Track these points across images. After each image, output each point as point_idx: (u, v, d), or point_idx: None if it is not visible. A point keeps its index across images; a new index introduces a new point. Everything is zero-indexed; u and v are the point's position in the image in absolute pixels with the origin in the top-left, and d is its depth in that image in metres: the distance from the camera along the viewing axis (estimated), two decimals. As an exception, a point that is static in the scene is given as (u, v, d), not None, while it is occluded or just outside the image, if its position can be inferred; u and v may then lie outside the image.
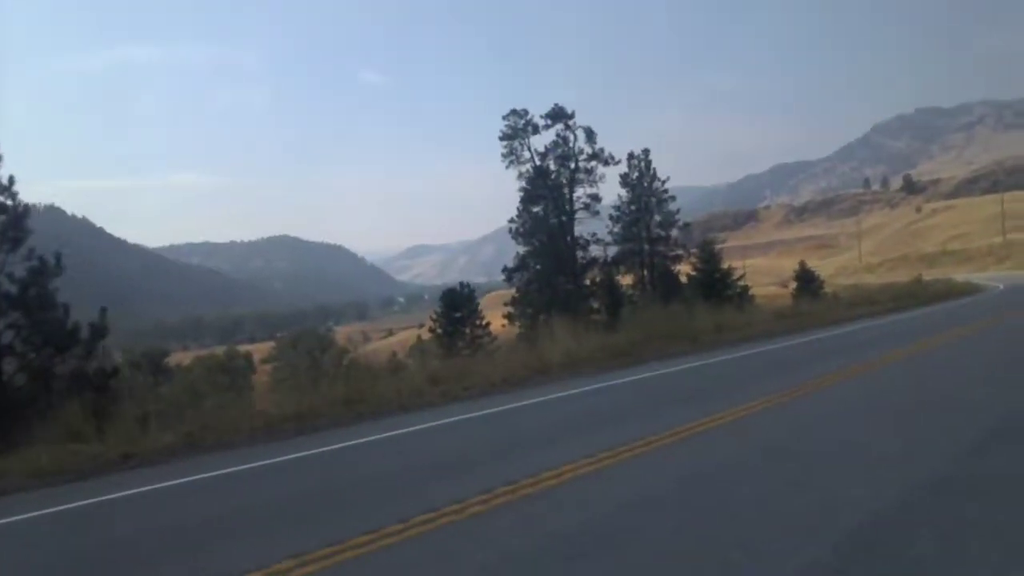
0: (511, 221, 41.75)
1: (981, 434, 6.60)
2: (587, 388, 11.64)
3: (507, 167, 40.67)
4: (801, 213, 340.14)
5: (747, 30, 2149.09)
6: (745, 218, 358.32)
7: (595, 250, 43.20)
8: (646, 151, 44.93)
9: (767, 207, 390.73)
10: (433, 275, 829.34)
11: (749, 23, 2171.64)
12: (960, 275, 75.95)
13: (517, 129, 40.60)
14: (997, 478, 5.30)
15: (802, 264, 49.62)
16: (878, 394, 9.70)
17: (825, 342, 17.73)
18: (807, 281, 52.21)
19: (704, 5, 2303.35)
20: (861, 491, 5.09)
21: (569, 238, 41.54)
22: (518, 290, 42.05)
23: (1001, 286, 45.98)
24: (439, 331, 38.00)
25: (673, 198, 45.69)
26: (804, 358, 14.57)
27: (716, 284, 36.06)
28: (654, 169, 44.18)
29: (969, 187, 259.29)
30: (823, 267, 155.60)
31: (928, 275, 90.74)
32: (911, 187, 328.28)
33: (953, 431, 6.90)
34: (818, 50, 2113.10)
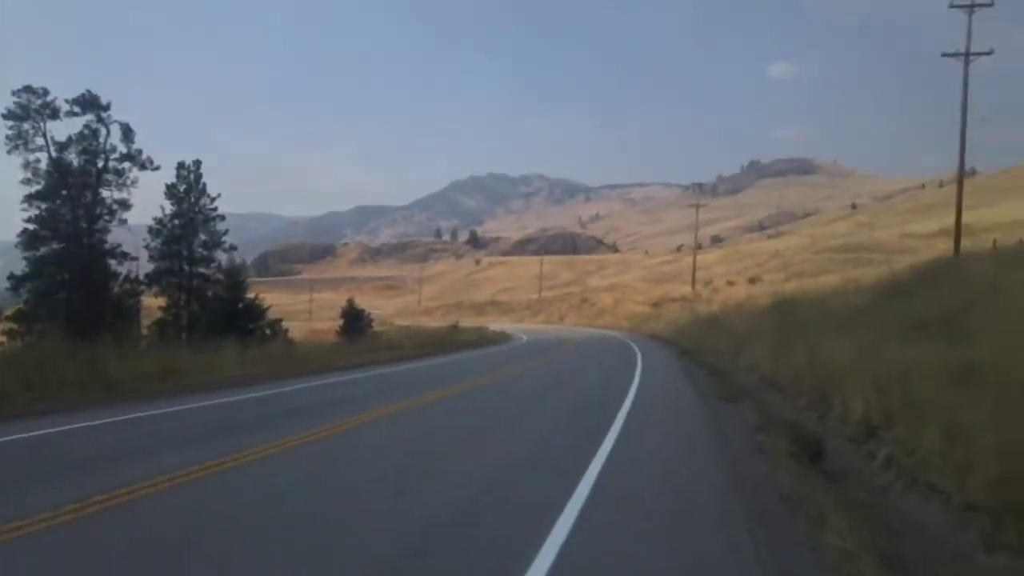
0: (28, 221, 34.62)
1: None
2: None
3: (8, 152, 33.57)
4: (376, 254, 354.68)
5: (353, 77, 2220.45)
6: (322, 252, 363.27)
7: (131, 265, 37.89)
8: (197, 162, 41.08)
9: (345, 244, 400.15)
10: None
11: (353, 73, 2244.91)
12: (499, 324, 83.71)
13: (30, 109, 33.89)
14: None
15: (350, 302, 49.47)
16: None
17: (286, 399, 14.50)
18: (354, 319, 52.28)
19: (314, 54, 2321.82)
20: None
21: (91, 246, 35.61)
22: (26, 303, 35.06)
23: (525, 338, 50.27)
24: None
25: (222, 217, 42.34)
26: (198, 434, 10.37)
27: (239, 316, 33.11)
28: (204, 184, 40.50)
29: (522, 248, 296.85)
30: (386, 306, 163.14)
31: (473, 322, 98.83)
32: (476, 242, 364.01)
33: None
34: (409, 105, 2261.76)
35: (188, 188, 40.49)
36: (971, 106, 28.73)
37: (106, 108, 35.52)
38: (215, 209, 41.58)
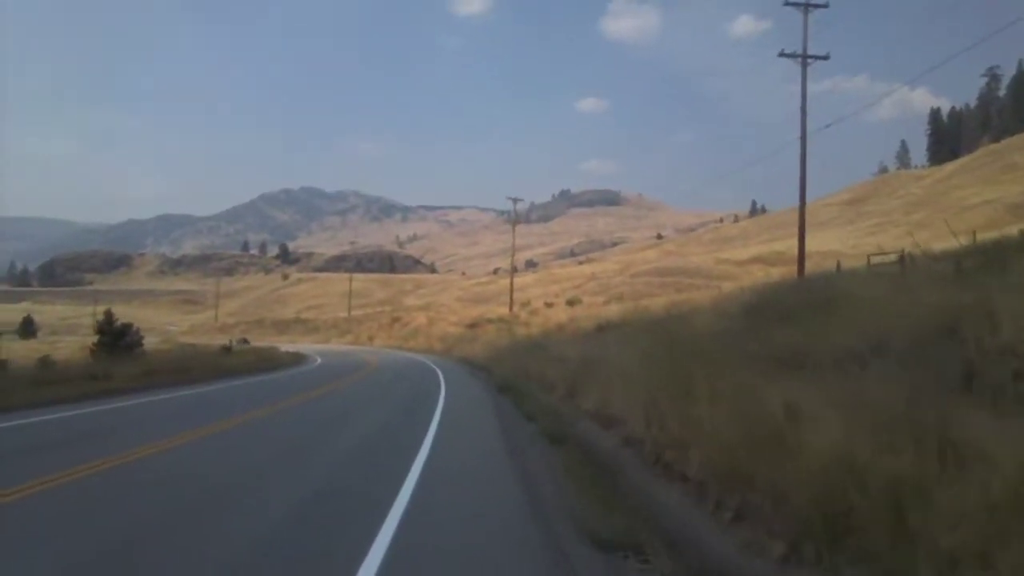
0: None
1: None
2: None
3: None
4: (176, 266, 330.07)
5: (157, 72, 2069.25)
6: (117, 263, 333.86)
7: None
8: None
9: (142, 255, 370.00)
10: None
11: (158, 68, 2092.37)
12: (301, 344, 77.03)
13: None
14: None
15: (108, 313, 41.47)
16: None
17: None
18: (117, 335, 44.25)
19: (106, 50, 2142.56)
20: None
21: None
22: None
23: (319, 360, 44.46)
24: None
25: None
26: None
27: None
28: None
29: (336, 264, 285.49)
30: (182, 322, 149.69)
31: (273, 341, 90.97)
32: (287, 256, 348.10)
33: None
34: (217, 113, 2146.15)
35: None
36: (808, 115, 27.04)
37: None
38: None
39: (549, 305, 60.05)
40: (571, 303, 57.49)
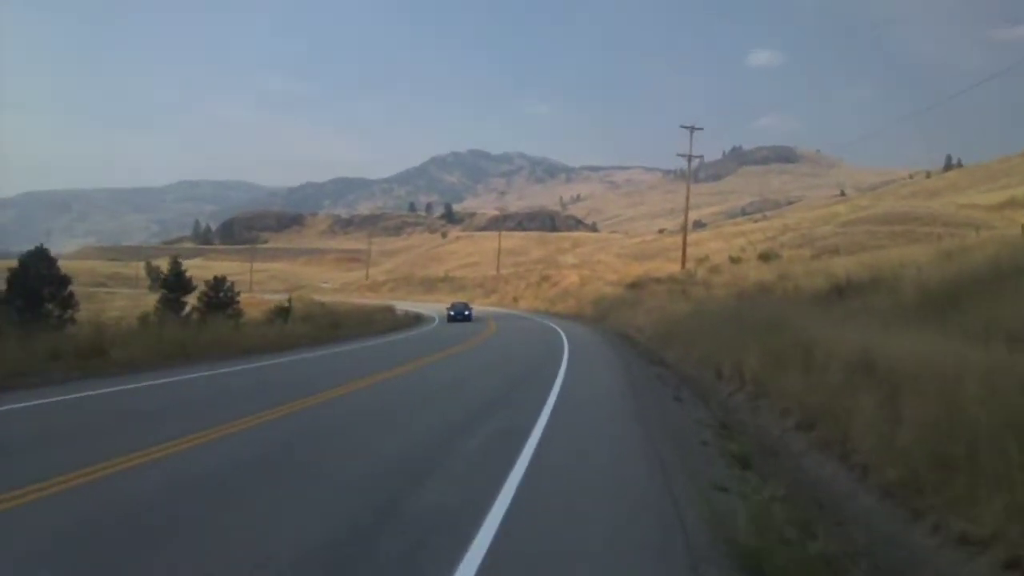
0: None
1: None
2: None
3: None
4: (347, 226, 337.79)
5: (329, 45, 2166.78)
6: (290, 222, 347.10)
7: None
8: None
9: (315, 215, 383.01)
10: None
11: (334, 42, 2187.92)
12: (441, 304, 69.03)
13: None
14: None
15: (175, 263, 34.08)
16: None
17: None
18: (215, 291, 37.38)
19: (288, 15, 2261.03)
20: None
21: None
22: None
23: (436, 321, 35.50)
24: None
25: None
26: None
27: None
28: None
29: (498, 224, 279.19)
30: (337, 279, 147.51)
31: (422, 299, 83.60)
32: (451, 216, 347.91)
33: None
34: (388, 77, 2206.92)
35: None
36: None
37: None
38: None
39: (736, 260, 47.31)
40: (764, 258, 44.56)
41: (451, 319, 42.92)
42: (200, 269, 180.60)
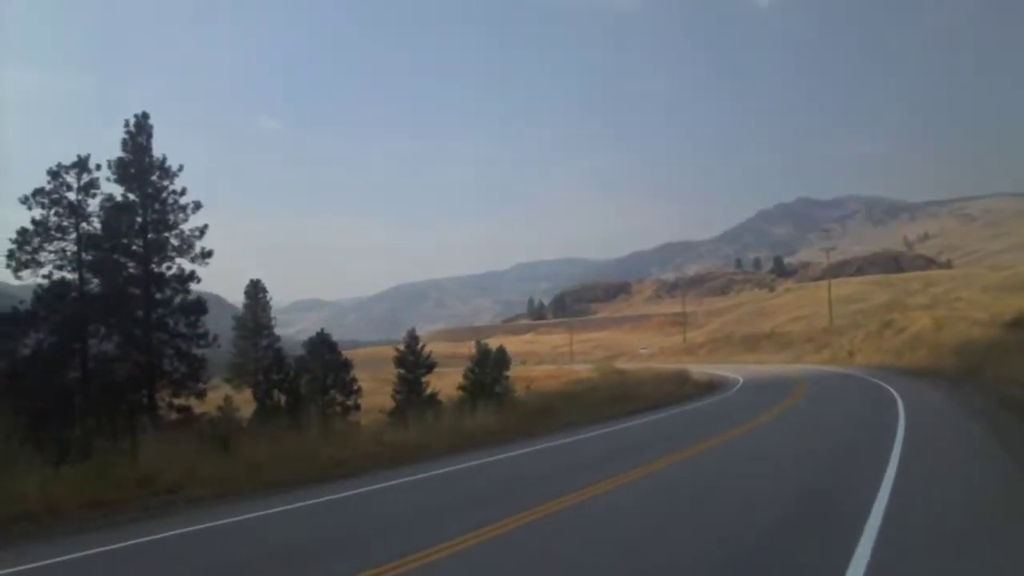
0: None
1: None
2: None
3: None
4: (672, 289, 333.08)
5: (638, 114, 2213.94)
6: (616, 291, 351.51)
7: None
8: (145, 114, 26.47)
9: (640, 282, 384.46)
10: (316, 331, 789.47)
11: (640, 112, 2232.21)
12: (758, 365, 59.98)
13: None
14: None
15: (413, 338, 30.82)
16: None
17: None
18: (479, 366, 33.36)
19: (606, 94, 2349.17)
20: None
21: None
22: None
23: (738, 383, 27.98)
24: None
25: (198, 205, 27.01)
26: None
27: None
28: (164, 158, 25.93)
29: (835, 273, 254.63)
30: (657, 344, 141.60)
31: (742, 359, 74.86)
32: (781, 269, 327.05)
33: None
34: (703, 139, 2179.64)
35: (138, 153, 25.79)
36: None
37: None
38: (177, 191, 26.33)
39: None
40: None
41: None
42: (527, 343, 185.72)
